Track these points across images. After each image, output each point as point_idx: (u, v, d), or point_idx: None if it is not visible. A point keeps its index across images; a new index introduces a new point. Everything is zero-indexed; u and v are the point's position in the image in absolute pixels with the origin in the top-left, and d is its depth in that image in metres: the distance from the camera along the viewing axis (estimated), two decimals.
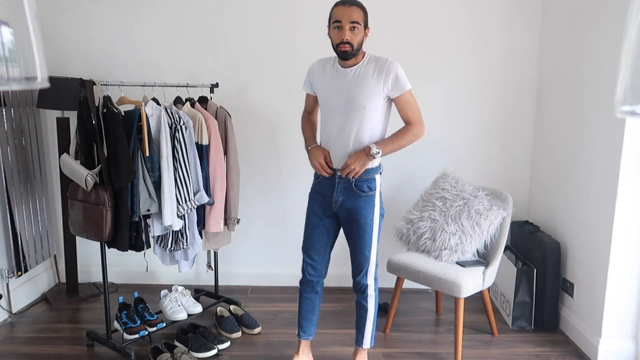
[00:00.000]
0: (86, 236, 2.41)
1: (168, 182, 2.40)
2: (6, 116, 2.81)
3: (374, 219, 2.15)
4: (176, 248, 2.56)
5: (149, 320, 2.58)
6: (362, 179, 2.09)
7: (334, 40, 2.03)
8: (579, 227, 2.64)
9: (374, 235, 2.16)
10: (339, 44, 1.99)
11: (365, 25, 2.02)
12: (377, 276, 2.27)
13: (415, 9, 3.12)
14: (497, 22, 3.12)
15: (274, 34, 3.15)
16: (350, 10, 1.95)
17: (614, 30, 2.34)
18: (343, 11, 1.96)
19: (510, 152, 3.27)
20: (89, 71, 3.14)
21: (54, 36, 3.15)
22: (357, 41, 1.98)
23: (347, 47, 1.97)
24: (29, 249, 2.99)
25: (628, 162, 2.28)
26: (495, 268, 2.57)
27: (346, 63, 2.07)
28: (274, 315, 2.96)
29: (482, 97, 3.21)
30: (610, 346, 2.42)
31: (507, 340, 2.69)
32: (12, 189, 2.83)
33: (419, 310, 3.07)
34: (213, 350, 2.47)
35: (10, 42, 0.60)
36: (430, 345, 2.62)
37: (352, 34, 1.96)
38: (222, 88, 3.15)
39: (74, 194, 2.43)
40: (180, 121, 2.45)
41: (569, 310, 2.74)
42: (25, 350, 2.52)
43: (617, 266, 2.36)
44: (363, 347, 2.32)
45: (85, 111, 2.31)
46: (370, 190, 2.12)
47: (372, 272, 2.22)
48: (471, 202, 2.63)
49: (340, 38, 1.97)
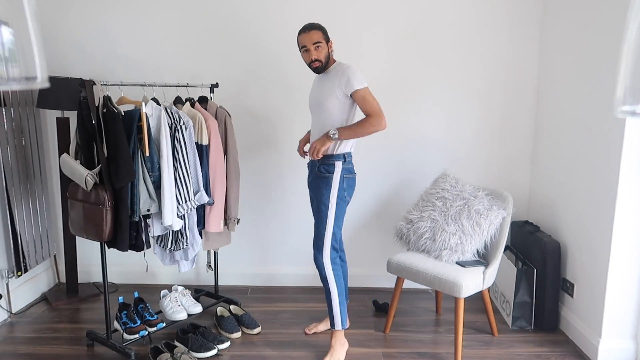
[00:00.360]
0: (86, 236, 2.40)
1: (168, 182, 2.40)
2: (6, 116, 2.81)
3: (329, 199, 2.41)
4: (176, 248, 2.56)
5: (149, 320, 2.58)
6: (323, 162, 2.41)
7: (305, 61, 2.42)
8: (579, 227, 2.64)
9: (329, 215, 2.41)
10: (310, 63, 2.39)
11: (327, 41, 2.39)
12: (336, 260, 2.46)
13: (416, 9, 3.12)
14: (498, 22, 3.12)
15: (274, 34, 3.15)
16: (310, 35, 2.35)
17: (614, 30, 2.34)
18: (305, 37, 2.36)
19: (510, 152, 3.27)
20: (89, 71, 3.15)
21: (54, 36, 3.15)
22: (323, 56, 2.37)
23: (317, 64, 2.37)
24: (29, 249, 2.99)
25: (628, 162, 2.28)
26: (496, 268, 2.57)
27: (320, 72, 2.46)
28: (274, 315, 2.96)
29: (482, 97, 3.21)
30: (610, 346, 2.42)
31: (507, 340, 2.69)
32: (12, 189, 2.83)
33: (419, 310, 3.07)
34: (213, 350, 2.47)
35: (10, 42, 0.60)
36: (430, 345, 2.62)
37: (317, 52, 2.35)
38: (222, 88, 3.15)
39: (74, 194, 2.43)
40: (180, 121, 2.45)
41: (569, 310, 2.75)
42: (25, 350, 2.52)
43: (617, 266, 2.36)
44: (335, 328, 2.47)
45: (85, 111, 2.31)
46: (327, 172, 2.41)
47: (327, 252, 2.42)
48: (471, 202, 2.63)
49: (309, 59, 2.37)
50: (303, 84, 3.19)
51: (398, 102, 3.21)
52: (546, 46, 3.06)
